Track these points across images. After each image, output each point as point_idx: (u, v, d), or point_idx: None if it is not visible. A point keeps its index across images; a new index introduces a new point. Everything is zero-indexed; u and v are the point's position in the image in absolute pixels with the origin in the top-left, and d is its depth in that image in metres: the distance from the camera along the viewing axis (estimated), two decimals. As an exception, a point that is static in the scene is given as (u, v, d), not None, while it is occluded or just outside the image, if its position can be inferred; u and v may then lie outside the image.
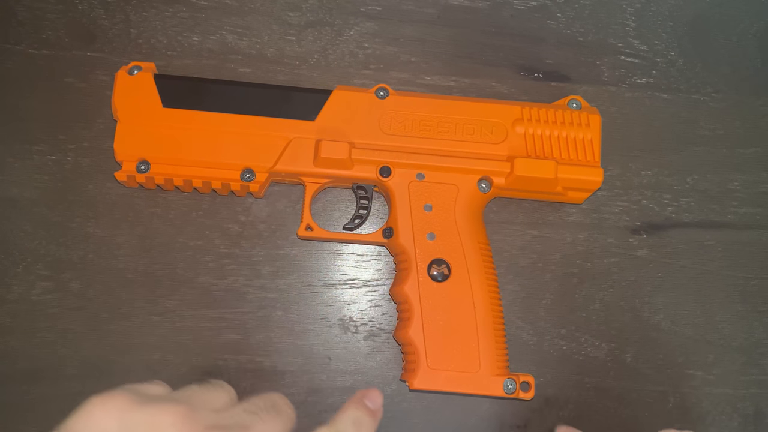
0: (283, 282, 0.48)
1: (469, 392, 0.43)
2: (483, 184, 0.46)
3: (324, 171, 0.46)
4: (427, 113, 0.47)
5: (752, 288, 0.50)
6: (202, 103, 0.46)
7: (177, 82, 0.47)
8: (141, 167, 0.45)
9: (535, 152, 0.46)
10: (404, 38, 0.53)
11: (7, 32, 0.52)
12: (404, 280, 0.44)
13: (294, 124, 0.46)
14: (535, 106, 0.47)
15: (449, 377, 0.43)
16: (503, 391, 0.43)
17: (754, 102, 0.54)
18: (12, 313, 0.47)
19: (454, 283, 0.44)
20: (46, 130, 0.50)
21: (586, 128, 0.47)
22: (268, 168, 0.46)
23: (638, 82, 0.53)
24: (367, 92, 0.47)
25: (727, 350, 0.49)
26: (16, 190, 0.49)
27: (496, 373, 0.43)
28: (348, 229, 0.48)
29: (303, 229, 0.47)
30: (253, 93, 0.47)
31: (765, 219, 0.52)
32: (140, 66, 0.47)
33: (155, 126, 0.46)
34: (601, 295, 0.49)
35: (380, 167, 0.46)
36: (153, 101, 0.46)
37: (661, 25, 0.55)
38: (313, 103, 0.47)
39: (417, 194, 0.46)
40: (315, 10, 0.53)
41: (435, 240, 0.45)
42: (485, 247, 0.46)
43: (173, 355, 0.47)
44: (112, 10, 0.52)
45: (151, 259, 0.48)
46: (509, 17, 0.54)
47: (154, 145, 0.46)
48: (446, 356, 0.43)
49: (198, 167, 0.46)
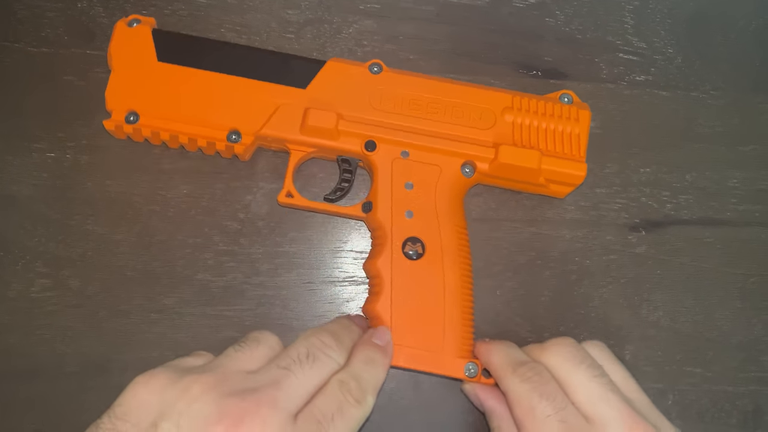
0: (282, 279, 0.48)
1: (429, 371, 0.43)
2: (467, 168, 0.46)
3: (310, 139, 0.46)
4: (418, 92, 0.47)
5: (751, 285, 0.50)
6: (197, 61, 0.47)
7: (174, 38, 0.48)
8: (130, 118, 0.46)
9: (521, 141, 0.46)
10: (403, 36, 0.53)
11: (6, 30, 0.52)
12: (378, 255, 0.44)
13: (285, 90, 0.46)
14: (526, 96, 0.47)
15: (412, 354, 0.43)
16: (464, 373, 0.42)
17: (753, 99, 0.54)
18: (11, 310, 0.47)
19: (427, 262, 0.44)
20: (45, 128, 0.50)
21: (575, 123, 0.47)
22: (254, 131, 0.46)
23: (637, 80, 0.53)
24: (361, 66, 0.47)
25: (726, 347, 0.49)
26: (15, 188, 0.49)
27: (459, 355, 0.43)
28: (329, 200, 0.48)
29: (283, 196, 0.47)
30: (248, 56, 0.47)
31: (764, 216, 0.52)
32: (140, 19, 0.48)
33: (148, 79, 0.46)
34: (600, 293, 0.49)
35: (366, 141, 0.46)
36: (148, 54, 0.47)
37: (660, 22, 0.55)
38: (306, 71, 0.47)
39: (399, 171, 0.46)
40: (314, 7, 0.53)
41: (413, 218, 0.45)
42: (462, 230, 0.46)
43: (172, 353, 0.47)
44: (112, 8, 0.52)
45: (150, 257, 0.48)
46: (508, 15, 0.54)
47: (145, 98, 0.46)
48: (411, 333, 0.43)
49: (186, 123, 0.46)
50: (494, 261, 0.49)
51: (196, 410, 0.31)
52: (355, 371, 0.37)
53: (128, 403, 0.33)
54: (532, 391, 0.38)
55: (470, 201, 0.50)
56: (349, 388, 0.35)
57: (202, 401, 0.32)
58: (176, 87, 0.46)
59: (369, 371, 0.37)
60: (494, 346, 0.42)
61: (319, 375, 0.35)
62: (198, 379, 0.33)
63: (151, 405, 0.32)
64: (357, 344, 0.39)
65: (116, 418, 0.32)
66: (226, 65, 0.47)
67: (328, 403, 0.34)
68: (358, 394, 0.35)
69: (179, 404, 0.32)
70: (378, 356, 0.39)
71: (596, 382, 0.38)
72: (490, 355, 0.42)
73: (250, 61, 0.47)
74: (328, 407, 0.34)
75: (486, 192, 0.50)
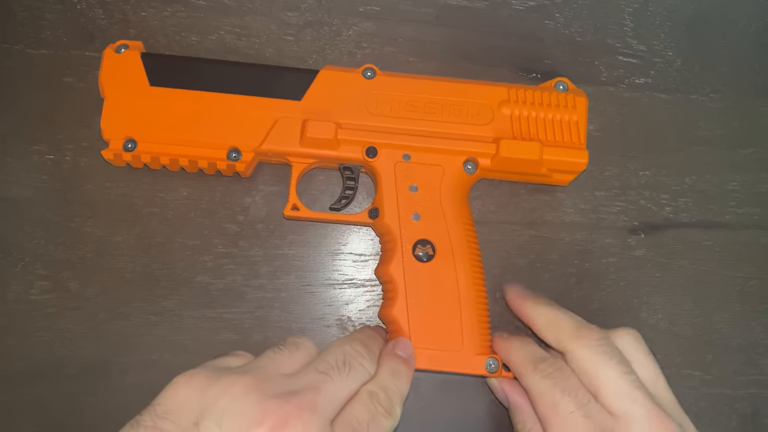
0: (282, 282, 0.48)
1: (451, 371, 0.43)
2: (469, 165, 0.46)
3: (310, 151, 0.46)
4: (413, 94, 0.47)
5: (750, 288, 0.50)
6: (189, 82, 0.47)
7: (164, 61, 0.48)
8: (128, 146, 0.46)
9: (521, 134, 0.46)
10: (402, 38, 0.53)
11: (6, 32, 0.52)
12: (389, 260, 0.45)
13: (280, 104, 0.46)
14: (522, 87, 0.47)
15: (432, 356, 0.43)
16: (485, 369, 0.43)
17: (753, 102, 0.54)
18: (10, 312, 0.47)
19: (439, 263, 0.44)
20: (45, 130, 0.50)
21: (572, 110, 0.47)
22: (254, 147, 0.46)
23: (636, 83, 0.53)
24: (354, 72, 0.47)
25: (725, 350, 0.49)
26: (14, 190, 0.49)
27: (479, 352, 0.43)
28: (334, 209, 0.48)
29: (289, 209, 0.47)
30: (240, 72, 0.47)
31: (763, 219, 0.52)
32: (128, 44, 0.47)
33: (142, 104, 0.46)
34: (599, 295, 0.49)
35: (366, 147, 0.46)
36: (140, 80, 0.46)
37: (660, 25, 0.55)
38: (299, 82, 0.47)
39: (403, 175, 0.46)
40: (313, 10, 0.53)
41: (420, 220, 0.45)
42: (470, 228, 0.46)
43: (171, 355, 0.47)
44: (111, 9, 0.52)
45: (150, 259, 0.48)
46: (507, 17, 0.54)
47: (141, 124, 0.46)
48: (430, 335, 0.43)
49: (184, 146, 0.46)
50: (494, 264, 0.49)
51: (238, 410, 0.31)
52: (383, 382, 0.37)
53: (169, 402, 0.33)
54: (554, 386, 0.38)
55: (470, 203, 0.50)
56: (379, 399, 0.36)
57: (244, 401, 0.32)
58: (171, 110, 0.46)
59: (395, 383, 0.38)
60: (513, 343, 0.43)
61: (354, 383, 0.36)
62: (239, 379, 0.33)
63: (192, 404, 0.32)
64: (382, 355, 0.40)
65: (157, 416, 0.32)
66: (219, 83, 0.47)
67: (363, 411, 0.35)
68: (387, 405, 0.36)
69: (221, 403, 0.32)
70: (403, 368, 0.39)
71: (625, 379, 0.38)
72: (510, 352, 0.42)
73: (243, 77, 0.47)
74: (362, 416, 0.35)
75: (485, 194, 0.50)
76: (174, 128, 0.46)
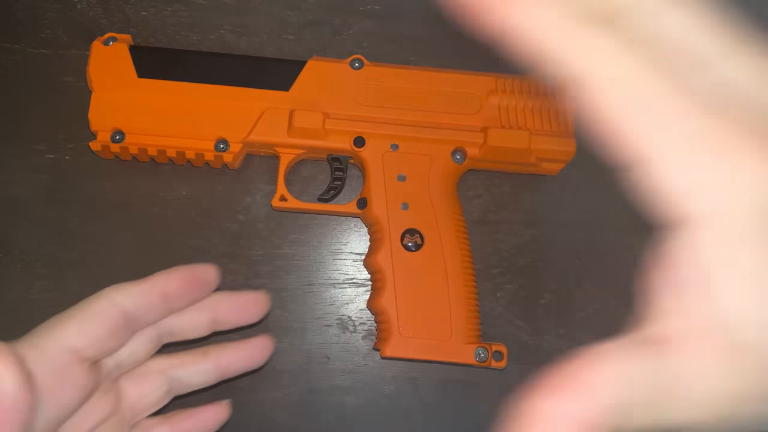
0: (282, 281, 0.48)
1: (440, 360, 0.43)
2: (457, 155, 0.46)
3: (298, 141, 0.46)
4: (401, 84, 0.47)
5: (752, 288, 0.50)
6: (177, 74, 0.47)
7: (151, 53, 0.48)
8: (116, 137, 0.46)
9: (509, 123, 0.46)
10: (403, 37, 0.53)
11: (6, 31, 0.52)
12: (378, 250, 0.45)
13: (268, 95, 0.46)
14: (510, 76, 0.47)
15: (421, 345, 0.43)
16: (474, 359, 0.43)
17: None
18: (10, 312, 0.47)
19: (427, 252, 0.44)
20: (45, 129, 0.50)
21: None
22: (241, 138, 0.46)
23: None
24: (341, 63, 0.47)
25: (727, 350, 0.49)
26: (14, 189, 0.49)
27: (468, 341, 0.43)
28: (323, 200, 0.48)
29: (277, 200, 0.47)
30: (227, 63, 0.47)
31: (765, 218, 0.51)
32: (116, 37, 0.48)
33: (130, 96, 0.46)
34: (601, 295, 0.49)
35: (354, 137, 0.46)
36: (128, 71, 0.46)
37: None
38: (287, 73, 0.47)
39: (391, 164, 0.46)
40: (314, 9, 0.53)
41: (408, 210, 0.45)
42: (458, 217, 0.46)
43: (171, 355, 0.47)
44: (111, 9, 0.52)
45: (150, 259, 0.48)
46: (508, 16, 0.54)
47: (129, 115, 0.46)
48: (418, 324, 0.43)
49: (172, 137, 0.46)
50: (494, 263, 0.49)
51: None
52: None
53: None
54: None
55: (470, 203, 0.50)
56: None
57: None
58: (159, 102, 0.46)
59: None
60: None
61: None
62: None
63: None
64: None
65: None
66: (206, 75, 0.47)
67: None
68: None
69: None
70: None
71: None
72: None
73: (231, 68, 0.47)
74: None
75: (486, 194, 0.50)
76: (162, 119, 0.46)
